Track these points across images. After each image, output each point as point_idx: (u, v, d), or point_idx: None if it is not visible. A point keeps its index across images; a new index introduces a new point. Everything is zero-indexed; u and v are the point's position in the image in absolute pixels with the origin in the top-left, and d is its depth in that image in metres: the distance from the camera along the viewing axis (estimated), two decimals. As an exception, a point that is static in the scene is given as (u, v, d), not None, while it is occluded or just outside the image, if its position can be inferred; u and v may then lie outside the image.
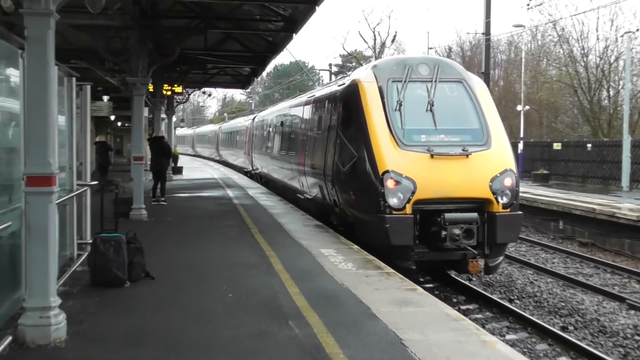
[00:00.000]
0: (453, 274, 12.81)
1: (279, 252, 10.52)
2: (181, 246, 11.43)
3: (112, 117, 35.70)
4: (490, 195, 10.92)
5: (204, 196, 21.06)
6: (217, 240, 12.00)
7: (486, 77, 36.92)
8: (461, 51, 60.87)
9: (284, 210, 16.74)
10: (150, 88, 21.67)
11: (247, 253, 10.54)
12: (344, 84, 13.20)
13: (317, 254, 10.37)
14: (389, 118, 11.35)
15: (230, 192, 21.98)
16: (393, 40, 65.89)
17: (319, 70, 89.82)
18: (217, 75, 28.40)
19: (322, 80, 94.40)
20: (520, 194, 11.71)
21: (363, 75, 12.28)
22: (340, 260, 9.82)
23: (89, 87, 9.84)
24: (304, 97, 18.20)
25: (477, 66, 50.41)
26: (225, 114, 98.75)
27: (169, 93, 24.52)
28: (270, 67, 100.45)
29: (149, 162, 24.06)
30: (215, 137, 55.17)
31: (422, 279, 12.70)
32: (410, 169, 10.85)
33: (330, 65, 63.11)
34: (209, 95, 67.53)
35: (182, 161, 41.25)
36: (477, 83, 12.28)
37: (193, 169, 38.79)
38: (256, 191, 22.46)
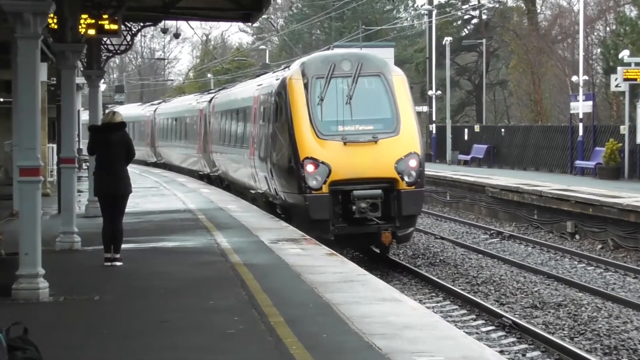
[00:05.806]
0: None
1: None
2: (121, 354, 11.49)
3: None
4: (395, 175, 26.60)
5: (168, 248, 21.43)
6: (197, 340, 12.07)
7: None
8: None
9: (337, 275, 16.87)
10: (53, 24, 21.93)
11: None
12: (279, 78, 29.00)
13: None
14: (311, 112, 27.07)
15: (222, 239, 22.26)
16: None
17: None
18: (192, -5, 28.70)
19: (414, 2, 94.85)
20: None
21: (292, 72, 28.39)
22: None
23: None
24: (254, 84, 36.35)
25: None
26: (210, 75, 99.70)
27: (91, 33, 24.77)
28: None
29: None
30: (149, 126, 63.80)
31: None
32: (326, 155, 26.70)
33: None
34: (176, 36, 68.04)
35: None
36: (396, 75, 28.31)
37: (145, 190, 39.13)
38: (274, 236, 22.68)
